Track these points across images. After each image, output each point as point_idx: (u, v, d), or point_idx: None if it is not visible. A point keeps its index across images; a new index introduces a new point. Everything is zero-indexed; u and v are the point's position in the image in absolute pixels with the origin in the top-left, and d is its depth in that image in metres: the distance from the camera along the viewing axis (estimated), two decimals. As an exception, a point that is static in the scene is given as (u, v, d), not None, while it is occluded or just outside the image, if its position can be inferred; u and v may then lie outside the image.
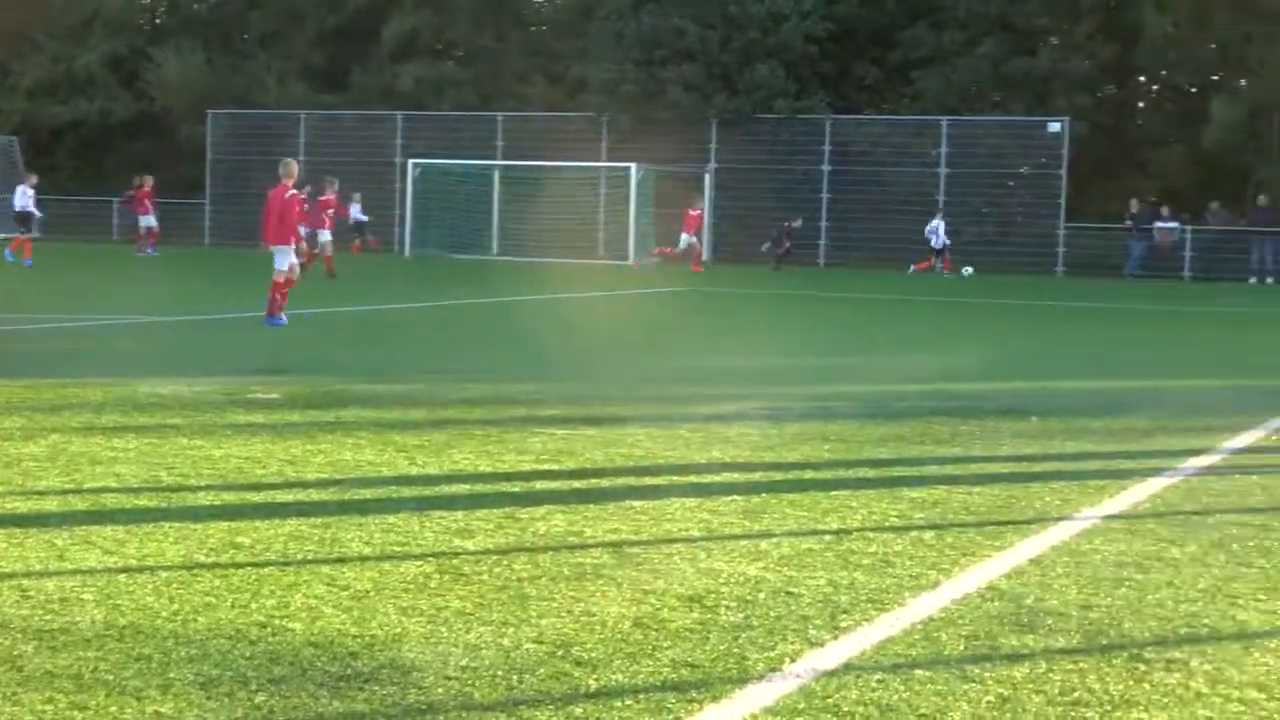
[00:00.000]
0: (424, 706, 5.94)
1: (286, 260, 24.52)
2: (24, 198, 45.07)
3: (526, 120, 57.64)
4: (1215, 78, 56.03)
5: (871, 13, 55.97)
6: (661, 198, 53.38)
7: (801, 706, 6.03)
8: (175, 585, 7.69)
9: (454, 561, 8.30)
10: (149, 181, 50.96)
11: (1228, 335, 28.22)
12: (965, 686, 6.33)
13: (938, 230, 49.91)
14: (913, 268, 49.68)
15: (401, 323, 26.66)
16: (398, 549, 8.58)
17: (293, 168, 25.22)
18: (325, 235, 38.39)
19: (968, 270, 47.78)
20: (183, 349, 20.55)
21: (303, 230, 28.05)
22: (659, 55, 55.41)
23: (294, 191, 25.21)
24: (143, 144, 64.02)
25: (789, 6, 54.45)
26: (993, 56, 53.78)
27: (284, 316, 23.90)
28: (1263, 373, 20.58)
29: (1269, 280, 49.56)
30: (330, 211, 38.96)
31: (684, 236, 48.20)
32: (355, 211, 52.40)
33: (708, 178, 55.05)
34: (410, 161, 55.90)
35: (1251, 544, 9.20)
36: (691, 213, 48.48)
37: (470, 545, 8.70)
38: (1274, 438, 14.04)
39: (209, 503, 9.81)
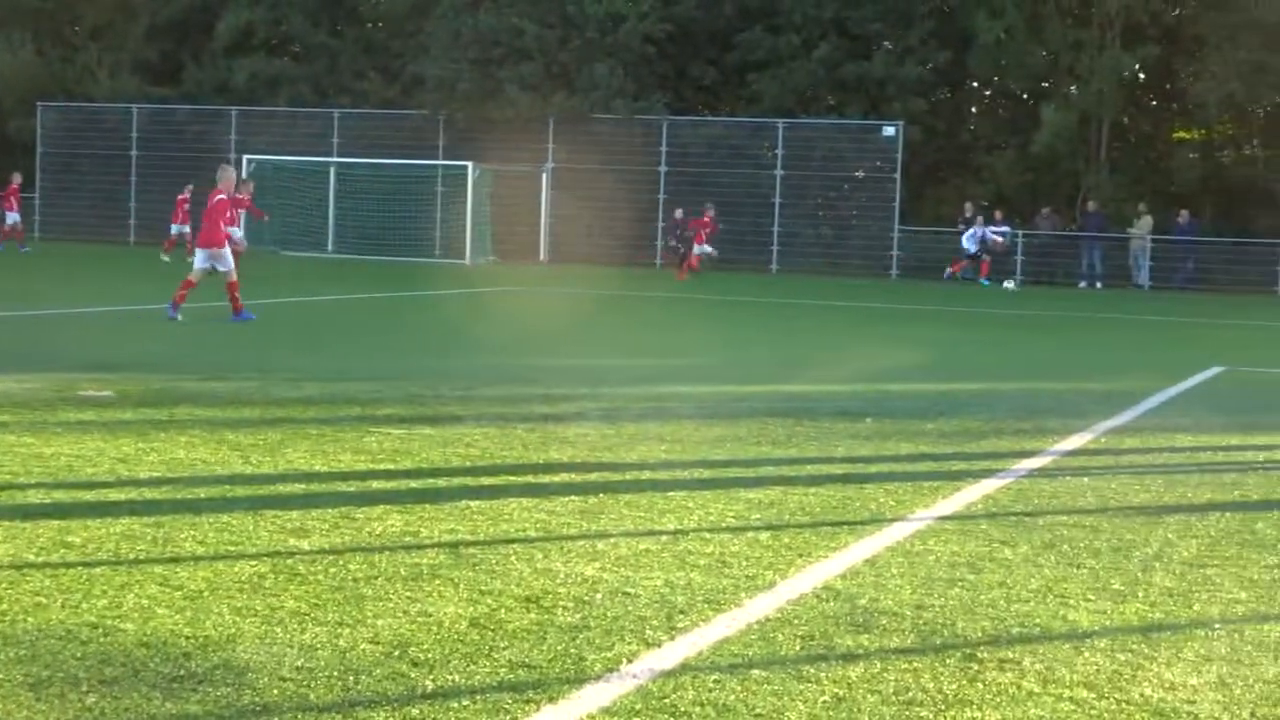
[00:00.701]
0: (258, 708, 5.89)
1: (225, 260, 24.78)
2: None
3: (363, 117, 57.25)
4: (1046, 84, 56.80)
5: (709, 15, 56.13)
6: (499, 197, 53.27)
7: (639, 707, 6.04)
8: (4, 585, 7.56)
9: (289, 561, 8.23)
10: (17, 178, 50.32)
11: (1058, 339, 28.63)
12: (801, 686, 6.36)
13: (978, 236, 48.44)
14: (948, 271, 48.81)
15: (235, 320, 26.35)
16: (232, 548, 8.49)
17: (228, 172, 25.68)
18: (236, 233, 37.96)
19: (1010, 284, 46.41)
20: (12, 345, 20.19)
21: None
22: (496, 54, 55.25)
23: (223, 195, 25.38)
24: (-30, 137, 62.86)
25: (627, 7, 54.49)
26: (828, 60, 54.17)
27: (251, 313, 24.44)
28: (1092, 376, 20.89)
29: (1098, 285, 50.35)
30: (241, 211, 38.50)
31: (698, 246, 47.64)
32: None
33: (544, 177, 55.00)
34: (245, 157, 55.29)
35: (1081, 545, 9.33)
36: (704, 219, 47.90)
37: (305, 545, 8.63)
38: (1104, 440, 14.26)
39: (39, 501, 9.66)
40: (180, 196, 48.24)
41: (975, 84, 59.58)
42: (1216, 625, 7.60)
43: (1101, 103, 53.30)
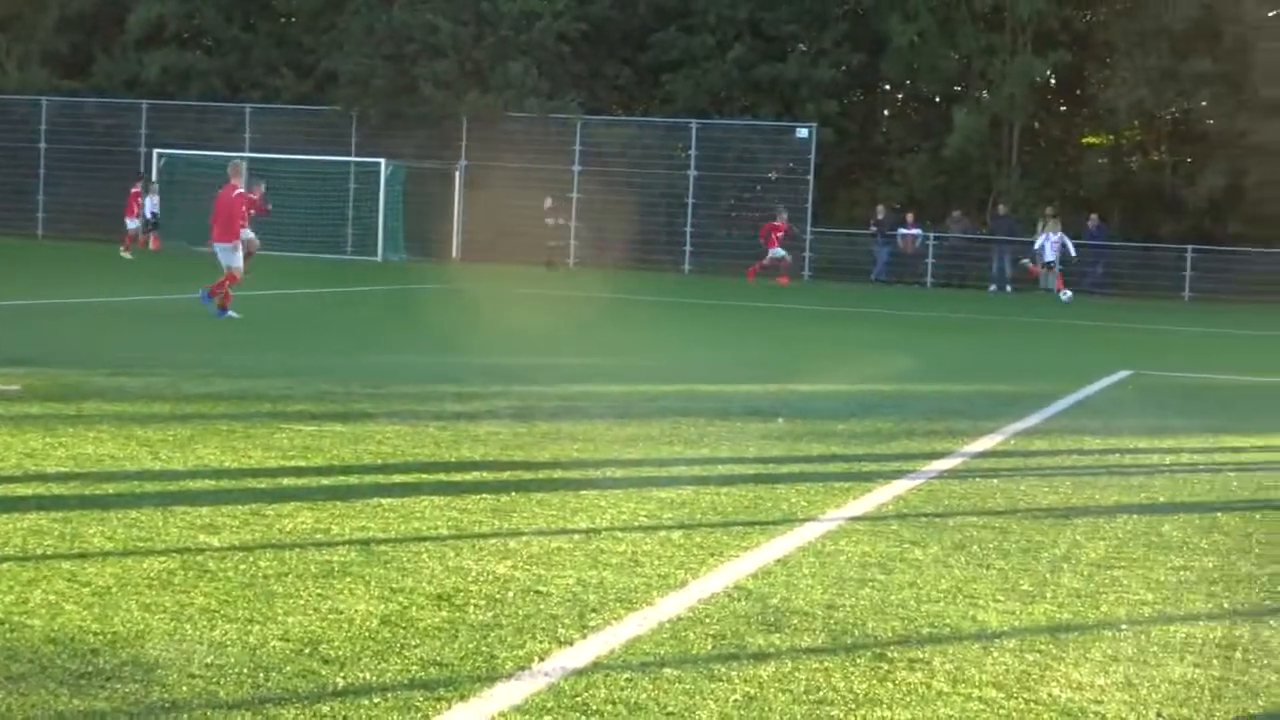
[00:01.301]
0: (167, 705, 5.85)
1: (235, 257, 25.37)
2: None
3: (275, 112, 56.91)
4: (958, 88, 57.19)
5: (623, 14, 56.16)
6: (412, 194, 53.11)
7: (550, 705, 6.03)
8: (-92, 581, 7.49)
9: (199, 558, 8.18)
10: None
11: (968, 341, 28.81)
12: (713, 685, 6.38)
13: (1056, 243, 45.99)
14: (1027, 265, 47.39)
15: (145, 316, 26.20)
16: (141, 545, 8.43)
17: (239, 168, 26.47)
18: (247, 233, 37.65)
19: (1067, 294, 45.82)
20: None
21: None
22: (410, 50, 55.06)
23: (240, 190, 26.20)
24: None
25: (542, 5, 54.42)
26: (742, 61, 54.29)
27: (234, 312, 24.70)
28: (1002, 379, 21.06)
29: (1008, 288, 50.65)
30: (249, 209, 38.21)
31: (772, 250, 46.96)
32: (150, 205, 51.32)
33: (458, 175, 54.88)
34: (155, 151, 54.87)
35: (991, 546, 9.40)
36: (775, 224, 47.31)
37: (215, 541, 8.58)
38: (1013, 442, 14.36)
39: (-56, 496, 9.57)
40: (133, 190, 47.91)
41: (888, 87, 59.92)
42: (1123, 626, 7.67)
43: (1013, 107, 53.71)
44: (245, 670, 6.28)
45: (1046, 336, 31.12)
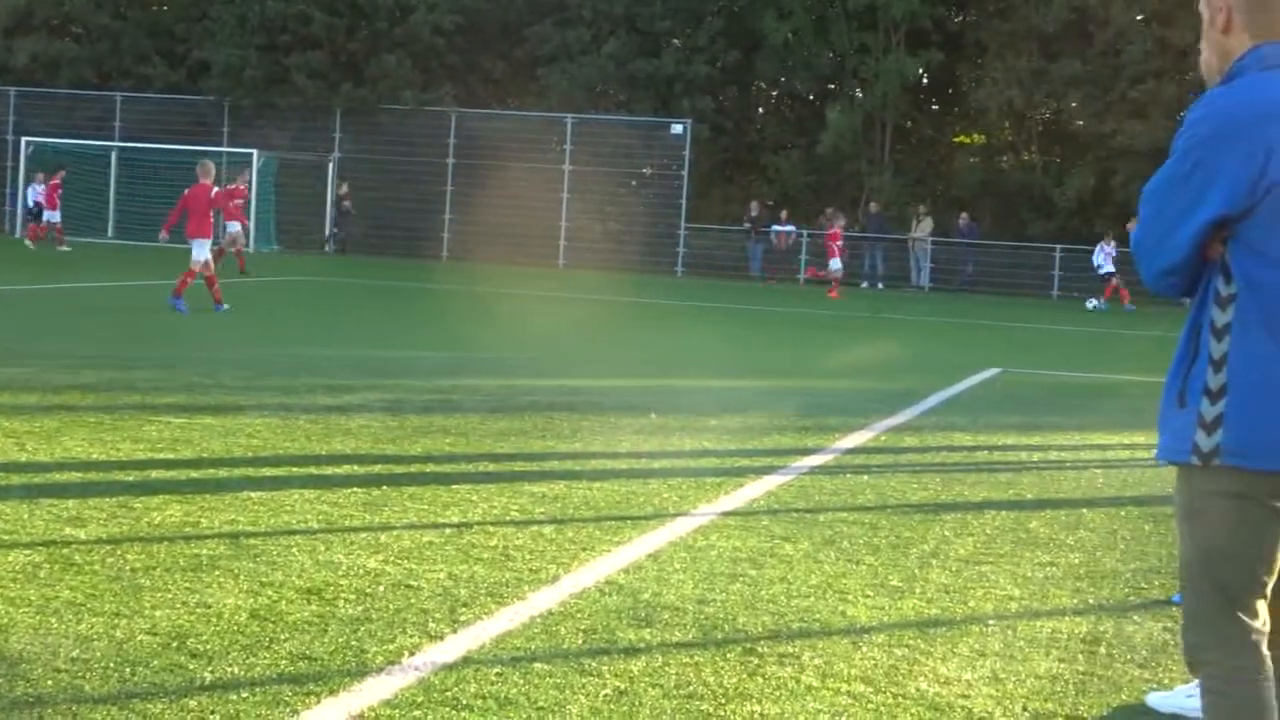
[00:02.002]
0: (32, 699, 5.78)
1: (203, 252, 25.98)
2: None
3: (147, 101, 56.36)
4: (832, 86, 57.58)
5: (498, 7, 56.07)
6: (284, 186, 52.79)
7: (420, 700, 6.02)
8: None
9: (64, 551, 8.08)
10: None
11: (839, 338, 28.95)
12: (583, 680, 6.38)
13: (1110, 254, 44.74)
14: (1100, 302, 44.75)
15: (13, 306, 25.87)
16: (5, 537, 8.32)
17: (209, 168, 27.54)
18: (234, 227, 37.24)
19: (1093, 303, 44.41)
20: None
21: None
22: (283, 41, 54.76)
23: (217, 189, 27.70)
24: None
25: (416, -2, 54.37)
26: (618, 56, 54.36)
27: (185, 305, 25.11)
28: (872, 375, 21.17)
29: (879, 285, 51.08)
30: (239, 202, 37.74)
31: (833, 261, 44.22)
32: (33, 195, 50.68)
33: (331, 167, 54.59)
34: (23, 139, 54.18)
35: (861, 541, 9.46)
36: (833, 231, 44.65)
37: (82, 534, 8.48)
38: (883, 438, 14.47)
39: None
40: (53, 182, 47.26)
41: (763, 84, 60.18)
42: (990, 621, 7.74)
43: (885, 106, 54.20)
44: (112, 664, 6.21)
45: (917, 333, 31.35)
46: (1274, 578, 4.64)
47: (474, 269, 46.03)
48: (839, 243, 44.41)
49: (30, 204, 49.42)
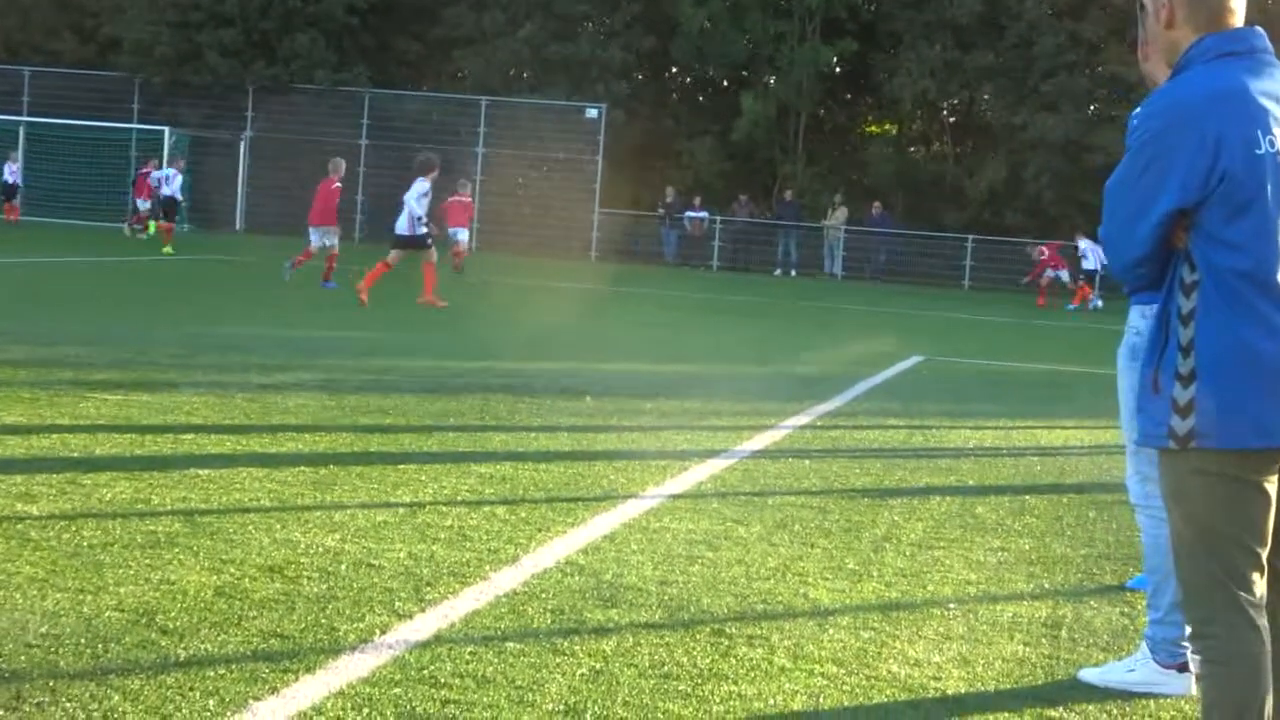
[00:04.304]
0: (6, 674, 5.72)
1: (330, 238, 31.54)
2: None
3: (56, 76, 55.75)
4: (746, 74, 57.71)
5: (414, -11, 55.93)
6: (196, 164, 52.38)
7: (398, 678, 6.00)
8: None
9: (19, 526, 7.99)
10: None
11: (758, 325, 29.00)
12: (557, 659, 6.38)
13: (1097, 251, 40.82)
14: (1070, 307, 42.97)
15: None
16: (-43, 513, 8.22)
17: (340, 164, 32.46)
18: (462, 234, 37.24)
19: (1098, 303, 42.94)
20: None
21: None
22: (195, 18, 54.35)
23: (338, 184, 31.87)
24: None
25: (332, -24, 54.10)
26: (533, 40, 54.26)
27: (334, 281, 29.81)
28: (797, 362, 21.22)
29: (792, 273, 51.29)
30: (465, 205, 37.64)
31: (1058, 272, 43.26)
32: (8, 172, 50.18)
33: (243, 145, 54.23)
34: (-71, 114, 53.62)
35: (813, 525, 9.49)
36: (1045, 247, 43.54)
37: (35, 510, 8.39)
38: (819, 423, 14.51)
39: None
40: (142, 171, 46.92)
41: (677, 70, 60.22)
42: (951, 605, 7.78)
43: (799, 94, 54.37)
44: (83, 640, 6.14)
45: (835, 321, 31.45)
46: (1267, 548, 4.73)
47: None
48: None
49: (8, 182, 49.23)
